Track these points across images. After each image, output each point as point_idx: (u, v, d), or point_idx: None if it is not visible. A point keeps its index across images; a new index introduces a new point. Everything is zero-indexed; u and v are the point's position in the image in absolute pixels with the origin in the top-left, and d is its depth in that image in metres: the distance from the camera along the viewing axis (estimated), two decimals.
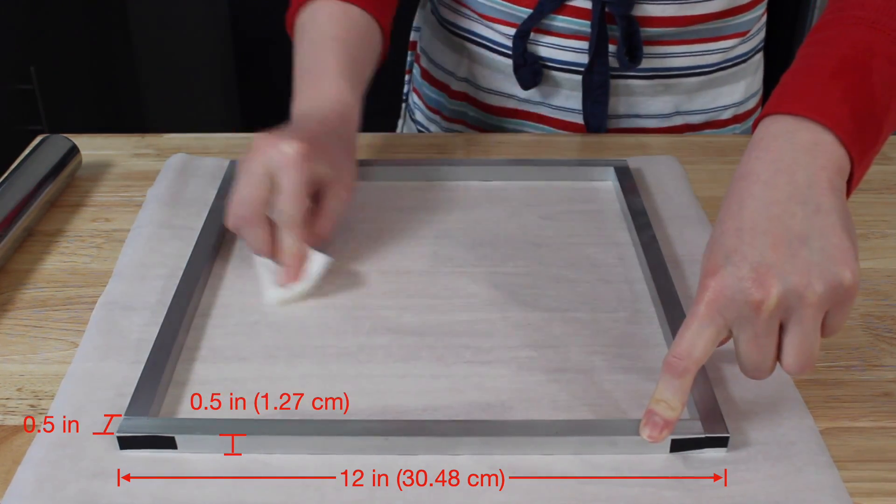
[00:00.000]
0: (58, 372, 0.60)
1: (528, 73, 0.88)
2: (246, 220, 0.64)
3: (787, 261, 0.48)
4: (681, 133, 0.94)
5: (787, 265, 0.48)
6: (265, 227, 0.64)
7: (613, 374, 0.59)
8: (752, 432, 0.54)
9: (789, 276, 0.48)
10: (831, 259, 0.48)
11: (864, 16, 0.55)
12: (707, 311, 0.50)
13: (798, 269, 0.48)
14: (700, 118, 0.94)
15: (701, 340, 0.50)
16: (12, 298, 0.67)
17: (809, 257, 0.48)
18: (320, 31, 0.75)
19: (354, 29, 0.76)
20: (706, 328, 0.50)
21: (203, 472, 0.52)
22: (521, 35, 0.87)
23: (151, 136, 0.90)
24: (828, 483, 0.51)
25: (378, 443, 0.52)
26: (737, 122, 0.96)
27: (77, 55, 1.92)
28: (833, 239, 0.49)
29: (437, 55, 0.97)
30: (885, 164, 0.86)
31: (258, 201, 0.63)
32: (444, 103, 0.98)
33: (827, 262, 0.48)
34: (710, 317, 0.50)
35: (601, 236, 0.73)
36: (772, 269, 0.48)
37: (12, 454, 0.54)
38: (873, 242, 0.74)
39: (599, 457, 0.53)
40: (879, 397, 0.58)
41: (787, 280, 0.48)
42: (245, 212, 0.63)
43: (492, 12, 0.89)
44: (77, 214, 0.77)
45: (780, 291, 0.48)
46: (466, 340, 0.62)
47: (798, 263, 0.48)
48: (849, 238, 0.49)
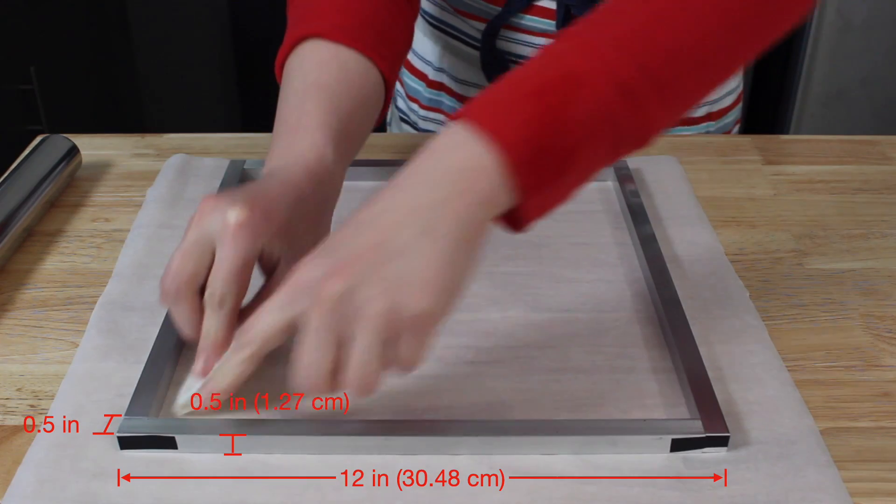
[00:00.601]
0: (58, 372, 0.60)
1: (497, 69, 0.88)
2: (170, 295, 0.54)
3: (370, 267, 0.46)
4: None
5: (367, 270, 0.46)
6: (194, 306, 0.55)
7: (613, 374, 0.59)
8: (752, 432, 0.54)
9: (362, 282, 0.46)
10: (407, 283, 0.46)
11: (592, 40, 0.51)
12: (283, 294, 0.48)
13: (372, 279, 0.46)
14: None
15: (267, 320, 0.49)
16: (12, 298, 0.67)
17: (392, 273, 0.46)
18: (304, 79, 0.64)
19: (344, 74, 0.64)
20: (277, 311, 0.49)
21: (203, 472, 0.52)
22: (490, 32, 0.87)
23: (151, 136, 0.90)
24: (828, 483, 0.51)
25: (378, 443, 0.52)
26: (711, 119, 0.96)
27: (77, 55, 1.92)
28: (424, 265, 0.46)
29: (416, 44, 0.98)
30: (885, 164, 0.86)
31: (188, 275, 0.54)
32: (421, 92, 0.98)
33: (402, 284, 0.46)
34: (283, 301, 0.48)
35: (601, 236, 0.73)
36: (350, 267, 0.46)
37: (12, 454, 0.54)
38: (873, 242, 0.74)
39: (599, 457, 0.53)
40: (879, 397, 0.58)
41: (356, 284, 0.46)
42: (171, 286, 0.54)
43: (466, 7, 0.89)
44: (77, 214, 0.77)
45: (343, 290, 0.46)
46: (467, 340, 0.62)
47: (378, 274, 0.46)
48: (442, 270, 0.46)
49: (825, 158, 0.87)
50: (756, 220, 0.77)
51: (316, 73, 0.63)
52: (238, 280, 0.53)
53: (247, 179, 0.80)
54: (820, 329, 0.64)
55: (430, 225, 0.47)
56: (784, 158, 0.87)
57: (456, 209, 0.47)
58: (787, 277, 0.69)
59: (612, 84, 0.49)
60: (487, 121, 0.49)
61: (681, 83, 0.52)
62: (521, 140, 0.48)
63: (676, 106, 0.53)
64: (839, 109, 2.10)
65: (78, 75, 1.93)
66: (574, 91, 0.49)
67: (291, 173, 0.58)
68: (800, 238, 0.74)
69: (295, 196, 0.57)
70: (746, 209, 0.78)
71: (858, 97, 2.09)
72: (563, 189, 0.51)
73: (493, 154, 0.48)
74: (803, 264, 0.71)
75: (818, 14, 1.99)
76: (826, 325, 0.64)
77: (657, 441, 0.53)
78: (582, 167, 0.51)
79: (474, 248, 0.49)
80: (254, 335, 0.50)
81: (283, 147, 0.61)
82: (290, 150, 0.60)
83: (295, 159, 0.59)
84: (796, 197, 0.80)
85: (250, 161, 0.81)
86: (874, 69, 2.05)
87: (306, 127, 0.61)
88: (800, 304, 0.66)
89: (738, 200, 0.79)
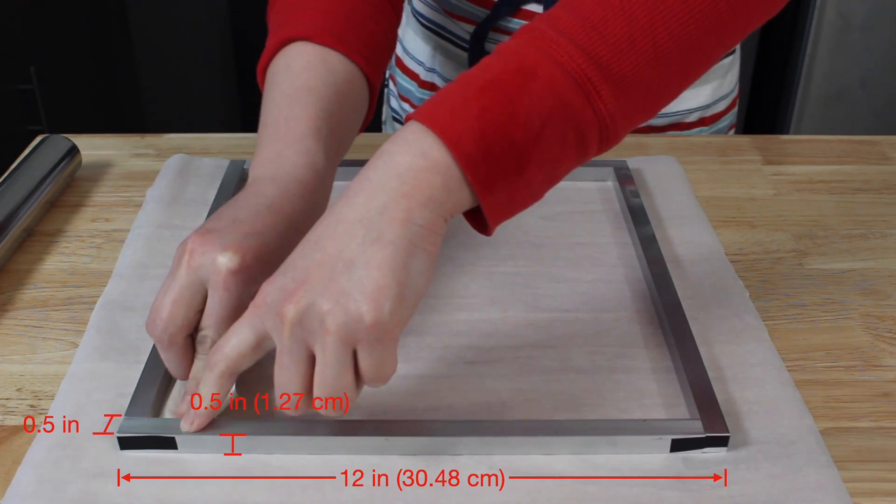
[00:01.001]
0: (58, 372, 0.60)
1: None
2: (163, 343, 0.53)
3: (323, 282, 0.46)
4: (645, 134, 0.94)
5: (320, 286, 0.46)
6: (186, 351, 0.54)
7: (613, 374, 0.59)
8: (752, 432, 0.54)
9: (318, 297, 0.46)
10: (362, 292, 0.46)
11: (546, 33, 0.50)
12: (250, 313, 0.49)
13: (329, 292, 0.46)
14: (663, 121, 0.94)
15: (235, 339, 0.50)
16: (12, 298, 0.67)
17: (344, 284, 0.46)
18: (292, 82, 0.62)
19: (332, 78, 0.63)
20: (245, 329, 0.50)
21: (203, 472, 0.52)
22: (478, 35, 0.88)
23: (151, 136, 0.90)
24: (828, 483, 0.51)
25: (378, 443, 0.52)
26: (703, 124, 0.96)
27: (77, 55, 1.92)
28: (374, 272, 0.46)
29: (409, 44, 0.98)
30: (885, 165, 0.86)
31: (179, 322, 0.53)
32: (413, 91, 0.99)
33: (357, 293, 0.46)
34: (251, 321, 0.49)
35: (601, 236, 0.73)
36: (305, 285, 0.47)
37: (12, 454, 0.54)
38: (873, 242, 0.74)
39: (599, 457, 0.53)
40: (879, 397, 0.58)
41: (313, 300, 0.46)
42: (162, 334, 0.53)
43: (455, 9, 0.89)
44: (77, 214, 0.77)
45: (302, 309, 0.46)
46: (467, 340, 0.62)
47: (332, 287, 0.46)
48: (393, 276, 0.46)
49: (825, 158, 0.87)
50: (756, 220, 0.77)
51: (304, 76, 0.62)
52: (229, 325, 0.52)
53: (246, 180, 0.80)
54: (820, 329, 0.64)
55: (377, 232, 0.47)
56: (784, 158, 0.87)
57: (401, 212, 0.47)
58: (787, 277, 0.69)
59: (565, 76, 0.49)
60: (436, 119, 0.48)
61: (639, 75, 0.50)
62: (469, 134, 0.47)
63: (637, 99, 0.51)
64: (839, 109, 2.10)
65: (78, 75, 1.93)
66: (526, 83, 0.48)
67: (282, 192, 0.57)
68: (800, 238, 0.74)
69: (286, 225, 0.56)
70: (746, 209, 0.78)
71: (858, 97, 2.09)
72: (527, 187, 0.50)
73: (440, 151, 0.48)
74: (803, 264, 0.71)
75: (818, 14, 1.99)
76: (826, 325, 0.64)
77: (657, 441, 0.53)
78: (544, 162, 0.50)
79: (428, 250, 0.48)
80: (224, 354, 0.50)
81: (272, 153, 0.59)
82: (280, 158, 0.59)
83: (286, 170, 0.58)
84: (796, 197, 0.80)
85: (250, 161, 0.81)
86: (874, 69, 2.05)
87: (296, 132, 0.60)
88: (800, 304, 0.66)
89: (738, 200, 0.79)
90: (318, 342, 0.47)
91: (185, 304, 0.53)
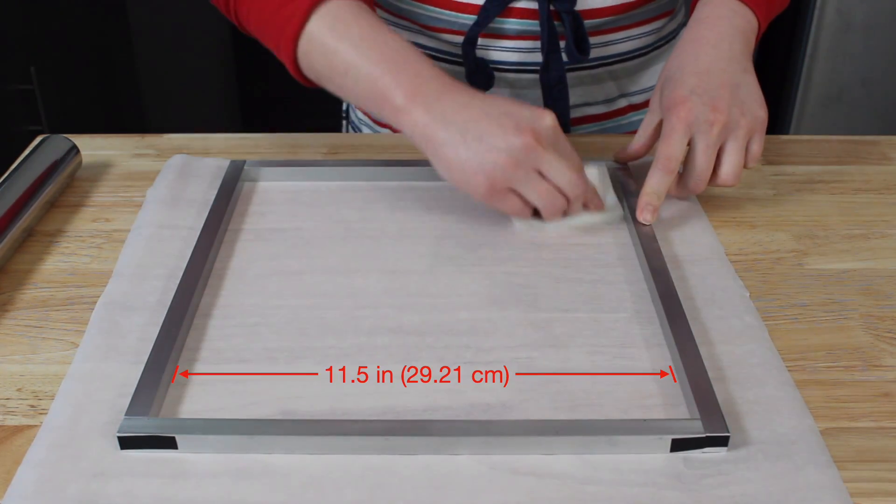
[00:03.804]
0: (58, 372, 0.60)
1: (482, 77, 0.90)
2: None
3: (730, 97, 0.72)
4: (625, 114, 0.98)
5: (729, 100, 0.71)
6: None
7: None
8: (752, 432, 0.54)
9: (732, 107, 0.71)
10: (754, 101, 0.73)
11: None
12: (683, 127, 0.71)
13: (736, 103, 0.72)
14: (642, 97, 0.99)
15: (680, 146, 0.72)
16: (12, 298, 0.67)
17: (741, 97, 0.72)
18: (369, 21, 0.72)
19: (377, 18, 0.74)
20: (682, 138, 0.71)
21: (203, 472, 0.52)
22: (469, 42, 0.88)
23: (151, 137, 0.90)
24: (828, 483, 0.51)
25: (378, 443, 0.52)
26: None
27: (77, 55, 1.92)
28: (753, 89, 0.73)
29: None
30: (885, 165, 0.86)
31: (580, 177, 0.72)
32: None
33: (751, 102, 0.73)
34: (684, 131, 0.71)
35: (601, 236, 0.73)
36: (721, 100, 0.71)
37: (12, 454, 0.54)
38: (873, 242, 0.74)
39: (599, 457, 0.53)
40: (879, 397, 0.58)
41: (731, 109, 0.71)
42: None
43: (436, 23, 0.89)
44: (77, 214, 0.77)
45: (727, 115, 0.71)
46: (467, 340, 0.62)
47: (736, 100, 0.72)
48: (759, 91, 0.74)
49: (825, 158, 0.87)
50: (756, 220, 0.77)
51: (367, 17, 0.72)
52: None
53: (247, 180, 0.80)
54: (820, 329, 0.64)
55: (743, 65, 0.74)
56: (784, 158, 0.87)
57: (751, 52, 0.76)
58: (787, 277, 0.69)
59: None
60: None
61: None
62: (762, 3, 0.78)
63: None
64: (839, 109, 2.10)
65: (78, 75, 1.93)
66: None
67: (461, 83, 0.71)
68: (800, 238, 0.74)
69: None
70: (746, 209, 0.78)
71: (858, 97, 2.09)
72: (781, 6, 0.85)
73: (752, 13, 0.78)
74: (803, 264, 0.71)
75: (818, 14, 1.99)
76: (826, 325, 0.64)
77: (657, 441, 0.53)
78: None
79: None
80: (675, 158, 0.72)
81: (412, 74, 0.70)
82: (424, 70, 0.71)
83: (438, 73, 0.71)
84: (796, 197, 0.80)
85: (250, 161, 0.81)
86: (874, 69, 2.05)
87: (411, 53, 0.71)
88: (800, 304, 0.66)
89: (738, 200, 0.79)
90: (733, 135, 0.72)
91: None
